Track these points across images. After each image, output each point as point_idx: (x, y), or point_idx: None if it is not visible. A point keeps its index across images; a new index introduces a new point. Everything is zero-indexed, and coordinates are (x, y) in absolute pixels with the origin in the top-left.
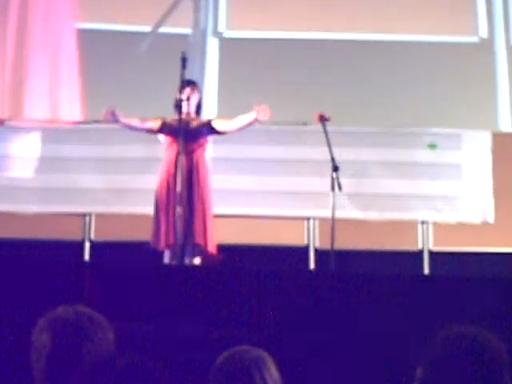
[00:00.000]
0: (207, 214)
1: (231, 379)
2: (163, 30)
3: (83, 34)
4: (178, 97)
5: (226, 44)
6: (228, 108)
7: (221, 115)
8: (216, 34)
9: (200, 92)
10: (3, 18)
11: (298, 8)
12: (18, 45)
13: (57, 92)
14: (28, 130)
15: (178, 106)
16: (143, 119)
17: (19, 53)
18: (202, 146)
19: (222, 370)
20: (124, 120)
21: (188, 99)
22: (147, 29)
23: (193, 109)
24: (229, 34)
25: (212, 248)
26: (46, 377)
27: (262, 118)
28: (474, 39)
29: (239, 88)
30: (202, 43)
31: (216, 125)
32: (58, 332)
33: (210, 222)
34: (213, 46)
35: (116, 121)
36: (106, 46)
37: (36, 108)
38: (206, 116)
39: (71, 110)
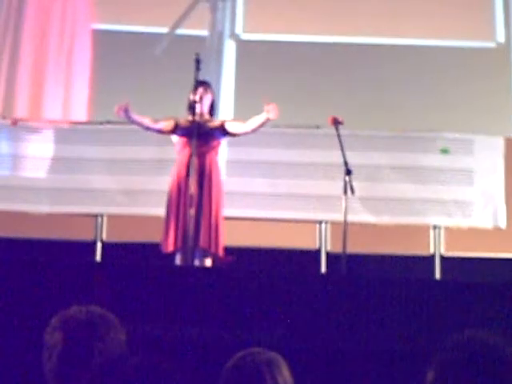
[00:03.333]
0: (217, 217)
1: (242, 381)
2: (180, 31)
3: (99, 35)
4: (191, 98)
5: (243, 46)
6: (244, 110)
7: (237, 117)
8: (233, 36)
9: (213, 93)
10: (18, 19)
11: (315, 11)
12: (34, 45)
13: (71, 93)
14: (41, 130)
15: (192, 107)
16: (156, 120)
17: (36, 53)
18: (214, 148)
19: (233, 372)
20: (136, 117)
21: (201, 100)
22: (164, 30)
23: (206, 109)
24: (246, 36)
25: (220, 251)
26: (58, 376)
27: (271, 117)
28: (490, 44)
29: (256, 90)
30: (219, 45)
31: (229, 127)
32: (70, 332)
33: (219, 225)
34: (230, 49)
35: (128, 117)
36: (122, 48)
37: (52, 108)
38: (221, 117)
39: (86, 110)
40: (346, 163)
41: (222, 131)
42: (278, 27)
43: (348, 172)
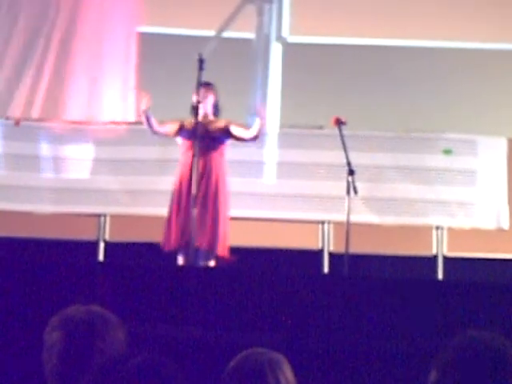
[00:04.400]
0: (222, 218)
1: (245, 381)
2: (226, 34)
3: (145, 38)
4: (193, 99)
5: (290, 49)
6: (290, 113)
7: (284, 120)
8: (279, 39)
9: (216, 93)
10: (71, 20)
11: (362, 13)
12: (85, 47)
13: (117, 95)
14: (44, 130)
15: (194, 108)
16: (162, 122)
17: (87, 55)
18: (219, 149)
19: (235, 372)
20: (152, 120)
21: (204, 101)
22: (210, 33)
23: (209, 110)
24: (292, 39)
25: (223, 251)
26: (58, 376)
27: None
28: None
29: (302, 93)
30: (266, 48)
31: (234, 131)
32: (70, 331)
33: (222, 226)
34: (276, 51)
35: (147, 118)
36: (168, 51)
37: (99, 110)
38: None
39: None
40: (349, 163)
41: (226, 133)
42: (324, 30)
43: (351, 172)
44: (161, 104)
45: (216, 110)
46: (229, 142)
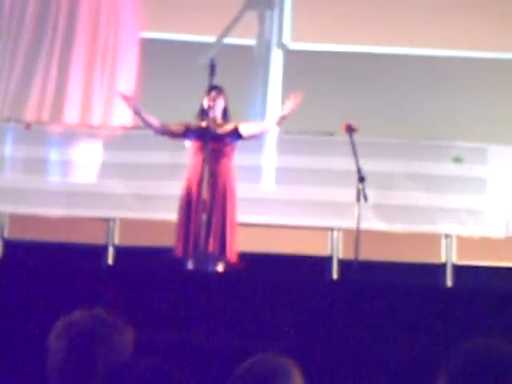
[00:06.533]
0: (230, 223)
1: None
2: (227, 40)
3: (147, 44)
4: (203, 103)
5: (291, 56)
6: (291, 120)
7: (284, 127)
8: (280, 45)
9: (226, 97)
10: (69, 25)
11: (363, 21)
12: (83, 51)
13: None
14: (54, 134)
15: (204, 112)
16: (164, 124)
17: (85, 60)
18: (228, 153)
19: (244, 378)
20: (145, 114)
21: (213, 105)
22: (211, 39)
23: (219, 114)
24: (293, 45)
25: (232, 256)
26: (62, 381)
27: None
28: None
29: (303, 100)
30: (266, 55)
31: (243, 129)
32: (74, 336)
33: (230, 231)
34: (277, 58)
35: (135, 111)
36: (169, 56)
37: (95, 115)
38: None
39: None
40: (359, 170)
41: (236, 135)
42: (325, 37)
43: (361, 179)
44: (163, 109)
45: (225, 114)
46: (239, 146)
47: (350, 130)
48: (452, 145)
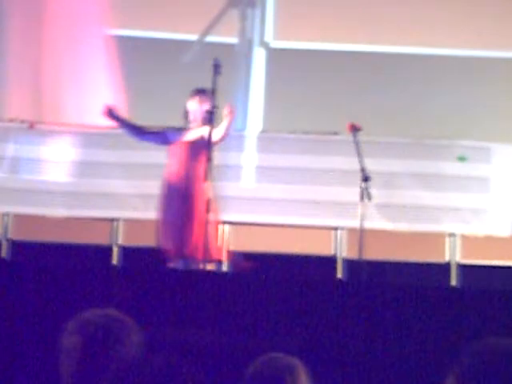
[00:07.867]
0: (194, 223)
1: None
2: (209, 39)
3: (127, 42)
4: (187, 106)
5: (273, 54)
6: (274, 119)
7: (266, 126)
8: (262, 44)
9: (211, 100)
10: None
11: (345, 19)
12: (54, 49)
13: (89, 98)
14: (58, 134)
15: (210, 113)
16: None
17: (49, 57)
18: (199, 156)
19: (253, 377)
20: (126, 120)
21: (196, 108)
22: (193, 38)
23: (199, 117)
24: (275, 44)
25: (217, 255)
26: (75, 379)
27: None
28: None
29: (285, 98)
30: (249, 53)
31: (214, 135)
32: (88, 334)
33: (198, 230)
34: (259, 56)
35: (116, 119)
36: (150, 55)
37: (71, 113)
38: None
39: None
40: (363, 170)
41: (208, 139)
42: (307, 35)
43: (365, 178)
44: (144, 106)
45: (209, 116)
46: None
47: (354, 129)
48: (456, 144)
